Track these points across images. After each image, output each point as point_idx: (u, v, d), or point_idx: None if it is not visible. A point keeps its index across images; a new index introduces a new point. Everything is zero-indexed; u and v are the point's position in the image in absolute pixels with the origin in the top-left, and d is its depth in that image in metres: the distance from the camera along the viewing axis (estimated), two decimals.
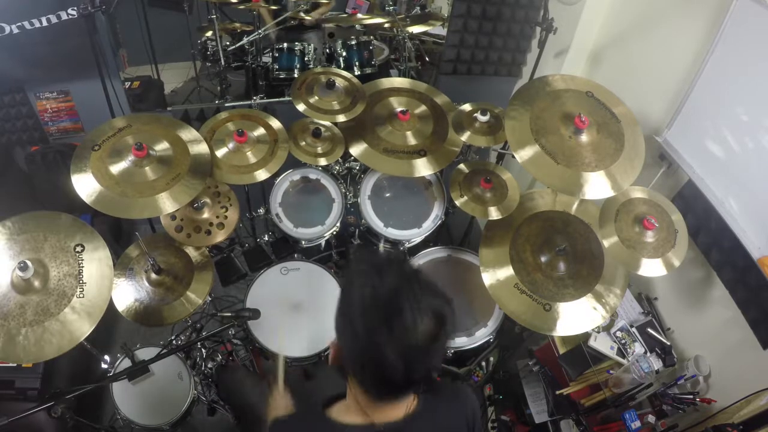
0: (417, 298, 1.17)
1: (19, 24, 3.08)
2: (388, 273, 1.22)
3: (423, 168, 2.97)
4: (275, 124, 3.00)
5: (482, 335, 2.88)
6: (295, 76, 4.15)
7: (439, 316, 1.20)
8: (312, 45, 4.35)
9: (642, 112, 2.62)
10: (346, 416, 1.36)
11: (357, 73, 4.21)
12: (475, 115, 3.02)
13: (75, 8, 3.06)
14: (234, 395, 2.72)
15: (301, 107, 2.98)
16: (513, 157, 2.47)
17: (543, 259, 2.64)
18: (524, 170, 2.45)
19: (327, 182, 3.22)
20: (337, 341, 1.30)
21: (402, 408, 1.35)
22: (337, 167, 3.28)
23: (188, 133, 2.68)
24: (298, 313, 2.81)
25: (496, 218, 2.81)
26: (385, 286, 1.20)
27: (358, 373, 1.28)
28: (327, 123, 3.08)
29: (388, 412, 1.34)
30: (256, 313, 2.41)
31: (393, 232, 3.16)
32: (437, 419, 1.45)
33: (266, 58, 4.52)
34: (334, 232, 3.18)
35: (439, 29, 4.82)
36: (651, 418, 2.55)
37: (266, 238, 3.41)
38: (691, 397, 2.51)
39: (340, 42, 4.25)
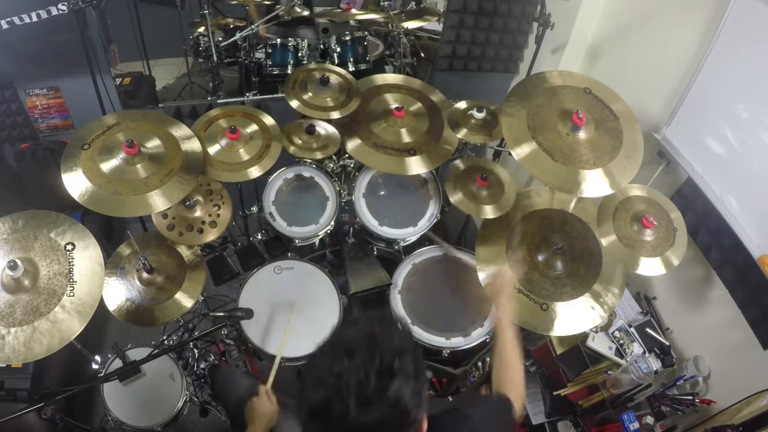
0: (368, 391, 1.12)
1: (9, 19, 3.04)
2: (356, 355, 1.17)
3: (415, 166, 2.95)
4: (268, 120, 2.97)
5: (478, 335, 2.85)
6: (289, 72, 4.12)
7: (394, 406, 1.13)
8: (306, 41, 4.31)
9: (640, 108, 2.60)
10: None
11: (351, 69, 4.17)
12: (471, 112, 2.99)
13: (65, 3, 3.02)
14: (228, 394, 2.68)
15: (294, 104, 2.95)
16: (510, 154, 2.44)
17: (540, 258, 2.62)
18: (521, 168, 2.42)
19: (321, 180, 3.18)
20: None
21: None
22: (332, 165, 3.25)
23: (180, 130, 2.65)
24: (291, 312, 2.77)
25: (492, 216, 2.78)
26: (349, 367, 1.15)
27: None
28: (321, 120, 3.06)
29: None
30: (249, 313, 2.38)
31: (388, 231, 3.13)
32: None
33: (259, 54, 4.48)
34: (328, 231, 3.15)
35: (434, 25, 4.78)
36: (649, 420, 2.53)
37: (259, 237, 3.38)
38: (691, 398, 2.50)
39: (334, 38, 4.22)
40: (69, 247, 2.12)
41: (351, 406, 1.10)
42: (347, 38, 4.19)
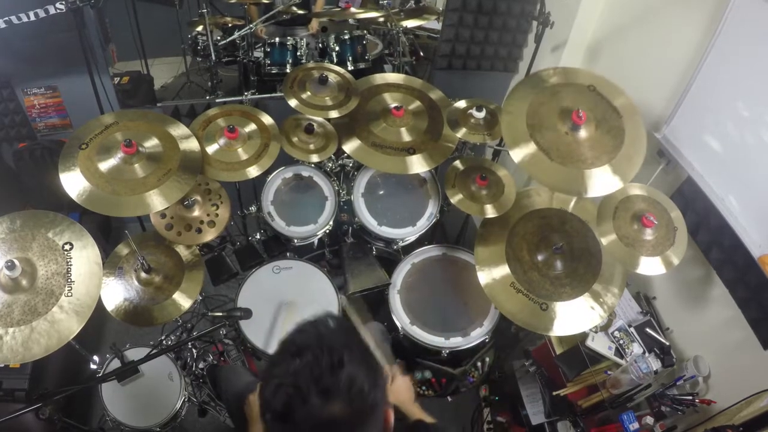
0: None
1: (6, 18, 3.02)
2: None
3: (415, 165, 2.94)
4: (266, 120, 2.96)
5: (478, 335, 2.85)
6: (287, 71, 4.11)
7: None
8: (304, 40, 4.30)
9: (640, 107, 2.58)
10: None
11: (350, 68, 4.17)
12: (470, 111, 2.98)
13: (63, 2, 3.00)
14: (230, 390, 2.66)
15: (293, 103, 2.94)
16: (509, 153, 2.43)
17: (539, 257, 2.61)
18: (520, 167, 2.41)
19: (320, 180, 3.18)
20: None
21: None
22: (330, 164, 3.24)
23: (178, 129, 2.64)
24: (290, 312, 2.77)
25: (491, 216, 2.77)
26: (301, 365, 1.14)
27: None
28: (319, 119, 3.05)
29: None
30: (247, 313, 2.37)
31: (387, 231, 3.12)
32: None
33: (258, 53, 4.48)
34: (327, 231, 3.14)
35: (433, 23, 4.78)
36: (649, 420, 2.52)
37: (258, 237, 3.37)
38: (691, 398, 2.49)
39: (332, 36, 4.22)
40: (67, 246, 2.11)
41: (312, 400, 1.11)
42: (346, 37, 4.19)
